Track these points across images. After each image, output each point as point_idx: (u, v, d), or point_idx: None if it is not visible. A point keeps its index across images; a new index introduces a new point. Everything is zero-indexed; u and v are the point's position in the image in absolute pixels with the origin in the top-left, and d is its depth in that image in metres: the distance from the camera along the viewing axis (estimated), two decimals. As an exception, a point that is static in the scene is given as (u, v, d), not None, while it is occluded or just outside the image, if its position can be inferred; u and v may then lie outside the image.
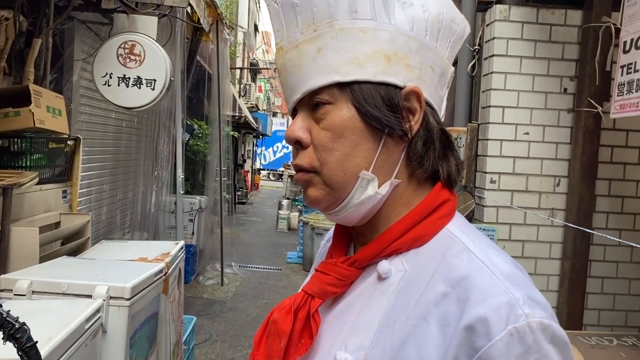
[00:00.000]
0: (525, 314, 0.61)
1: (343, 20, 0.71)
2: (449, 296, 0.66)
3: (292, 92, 0.75)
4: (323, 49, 0.71)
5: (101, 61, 3.89)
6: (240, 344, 5.16)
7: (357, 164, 0.72)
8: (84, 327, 2.02)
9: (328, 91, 0.72)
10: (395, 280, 0.72)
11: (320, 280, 0.77)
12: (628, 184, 2.93)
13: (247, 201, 18.28)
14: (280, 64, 0.77)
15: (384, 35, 0.72)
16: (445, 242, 0.72)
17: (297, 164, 0.75)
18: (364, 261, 0.75)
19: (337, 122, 0.71)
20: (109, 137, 4.67)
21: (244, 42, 18.19)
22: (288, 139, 0.75)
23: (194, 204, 6.94)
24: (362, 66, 0.71)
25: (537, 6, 2.85)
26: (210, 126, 7.79)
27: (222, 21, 7.01)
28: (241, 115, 13.06)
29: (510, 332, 0.60)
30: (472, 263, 0.68)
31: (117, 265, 2.87)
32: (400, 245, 0.73)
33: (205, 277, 7.38)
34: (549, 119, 2.90)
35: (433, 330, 0.65)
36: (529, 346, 0.60)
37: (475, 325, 0.61)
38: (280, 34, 0.77)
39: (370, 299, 0.73)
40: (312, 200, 0.75)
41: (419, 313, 0.67)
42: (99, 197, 4.46)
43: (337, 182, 0.72)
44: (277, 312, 0.78)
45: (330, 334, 0.76)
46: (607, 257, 2.91)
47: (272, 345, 0.77)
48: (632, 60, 2.45)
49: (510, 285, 0.64)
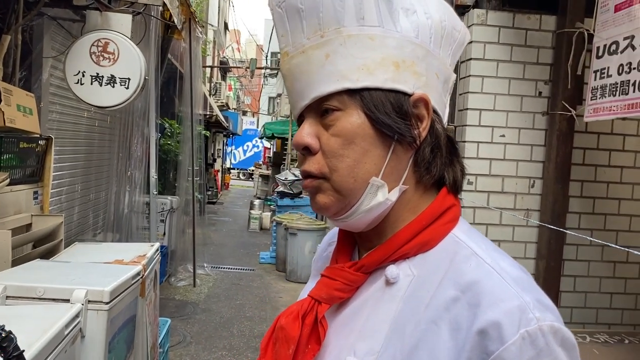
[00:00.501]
0: (537, 317, 0.62)
1: (351, 27, 0.71)
2: (459, 301, 0.67)
3: (299, 97, 0.75)
4: (331, 55, 0.71)
5: (73, 59, 3.80)
6: (215, 345, 5.11)
7: (367, 171, 0.72)
8: (64, 332, 1.97)
9: (337, 98, 0.72)
10: (404, 285, 0.73)
11: (328, 285, 0.77)
12: (599, 185, 3.02)
13: (217, 201, 18.11)
14: (285, 69, 0.76)
15: (392, 42, 0.73)
16: (453, 247, 0.73)
17: (305, 170, 0.75)
18: (371, 266, 0.76)
19: (348, 128, 0.71)
20: (81, 136, 4.56)
21: (214, 40, 18.02)
22: (296, 145, 0.75)
23: (165, 204, 6.84)
24: (372, 73, 0.71)
25: (513, 11, 2.91)
26: (182, 125, 7.69)
27: (194, 19, 6.93)
28: (212, 114, 12.93)
29: (522, 335, 0.61)
30: (481, 268, 0.69)
31: (93, 268, 2.81)
32: (407, 250, 0.74)
33: (177, 279, 7.29)
34: (524, 121, 2.96)
35: (444, 335, 0.66)
36: (541, 349, 0.61)
37: (488, 330, 0.62)
38: (285, 39, 0.76)
39: (378, 303, 0.74)
40: (321, 206, 0.75)
41: (429, 317, 0.68)
42: (70, 197, 4.36)
43: (347, 189, 0.72)
44: (285, 318, 0.78)
45: (337, 339, 0.76)
46: (579, 256, 3.00)
47: (280, 351, 0.77)
48: (605, 66, 2.52)
49: (520, 289, 0.65)
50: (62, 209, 4.15)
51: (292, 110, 0.79)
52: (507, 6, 2.92)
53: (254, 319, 6.00)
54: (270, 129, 16.99)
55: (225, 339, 5.31)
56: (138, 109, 4.79)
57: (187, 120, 7.35)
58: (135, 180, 4.84)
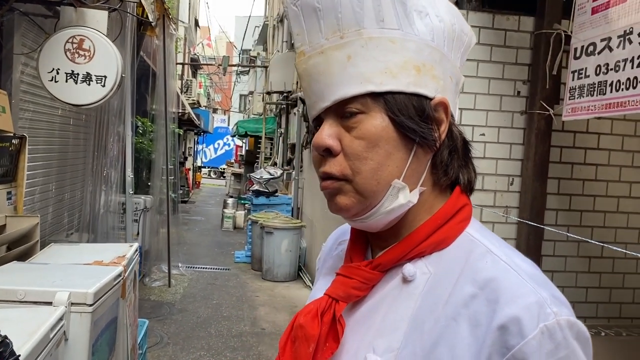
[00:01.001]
0: (554, 312, 0.64)
1: (371, 29, 0.72)
2: (477, 297, 0.68)
3: (318, 98, 0.74)
4: (353, 57, 0.71)
5: (47, 56, 3.71)
6: (193, 345, 5.06)
7: (390, 173, 0.73)
8: (49, 336, 1.93)
9: (361, 100, 0.72)
10: (421, 282, 0.74)
11: (345, 284, 0.78)
12: (575, 183, 3.10)
13: (189, 200, 17.91)
14: (302, 69, 0.76)
15: (412, 45, 0.74)
16: (468, 245, 0.75)
17: (326, 172, 0.75)
18: (388, 264, 0.77)
19: (372, 131, 0.72)
20: (55, 135, 4.45)
21: (185, 38, 17.80)
22: (317, 147, 0.74)
23: (138, 203, 6.73)
24: (395, 77, 0.72)
25: (493, 12, 2.97)
26: (155, 123, 7.58)
27: (168, 16, 6.85)
28: (184, 111, 12.79)
29: (541, 330, 0.63)
30: (497, 265, 0.70)
31: (73, 269, 2.76)
32: (424, 248, 0.75)
33: (151, 279, 7.19)
34: (503, 120, 3.02)
35: (464, 331, 0.68)
36: (559, 343, 0.63)
37: (508, 325, 0.64)
38: (300, 38, 0.76)
39: (396, 301, 0.75)
40: (341, 208, 0.75)
41: (448, 314, 0.70)
42: (44, 197, 4.25)
43: (370, 191, 0.73)
44: (303, 316, 0.79)
45: (354, 337, 0.77)
46: (556, 252, 3.08)
47: (300, 350, 0.77)
48: (582, 66, 2.59)
49: (536, 285, 0.67)
50: (35, 209, 4.05)
51: (309, 111, 0.78)
52: (487, 7, 2.97)
53: (232, 318, 5.97)
54: (243, 126, 16.90)
55: (203, 339, 5.27)
56: (114, 108, 4.70)
57: (160, 118, 7.26)
58: (111, 180, 4.75)
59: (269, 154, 15.92)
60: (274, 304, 6.63)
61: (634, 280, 3.20)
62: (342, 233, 1.00)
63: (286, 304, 6.65)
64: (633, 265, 3.18)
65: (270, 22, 16.51)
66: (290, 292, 7.21)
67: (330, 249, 1.00)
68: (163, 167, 7.28)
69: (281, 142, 13.11)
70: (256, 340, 5.30)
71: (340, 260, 0.88)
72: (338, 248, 0.95)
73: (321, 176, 0.77)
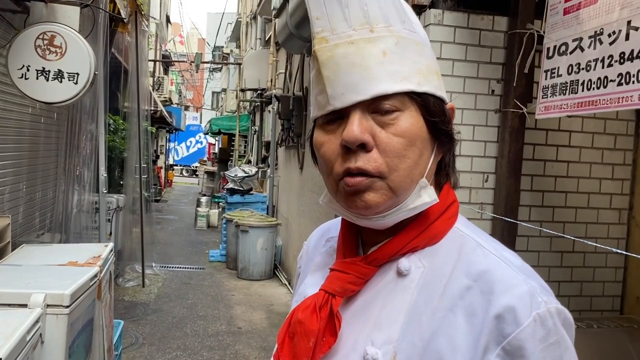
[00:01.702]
0: (545, 301, 0.69)
1: (398, 28, 0.73)
2: (472, 289, 0.72)
3: (350, 91, 0.71)
4: (389, 54, 0.72)
5: (17, 53, 3.62)
6: (169, 346, 5.02)
7: (420, 172, 0.75)
8: (26, 339, 1.89)
9: (399, 98, 0.72)
10: (416, 276, 0.76)
11: (341, 279, 0.80)
12: (547, 179, 3.17)
13: (161, 199, 17.68)
14: (327, 57, 0.73)
15: (429, 51, 0.78)
16: (458, 240, 0.78)
17: (360, 168, 0.72)
18: (382, 259, 0.79)
19: (411, 130, 0.73)
20: (25, 133, 4.34)
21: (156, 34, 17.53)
22: (353, 141, 0.71)
23: (111, 203, 6.62)
24: (427, 79, 0.75)
25: (468, 12, 3.01)
26: (127, 121, 7.47)
27: (140, 12, 6.74)
28: (157, 109, 12.61)
29: (534, 318, 0.67)
30: (489, 258, 0.74)
31: (47, 270, 2.71)
32: (417, 243, 0.78)
33: (125, 279, 7.09)
34: (478, 119, 3.07)
35: (460, 321, 0.71)
36: (549, 329, 0.68)
37: (504, 314, 0.68)
38: (321, 23, 0.74)
39: (391, 295, 0.77)
40: (370, 205, 0.73)
41: (445, 305, 0.72)
42: (14, 196, 4.15)
43: (403, 189, 0.74)
44: (301, 312, 0.80)
45: (351, 330, 0.78)
46: (530, 247, 3.14)
47: (299, 344, 0.78)
48: (555, 66, 2.65)
49: (525, 276, 0.71)
50: (5, 210, 3.95)
51: (331, 101, 0.73)
52: (462, 7, 3.01)
53: (208, 318, 5.93)
54: (217, 124, 16.75)
55: (179, 339, 5.22)
56: (86, 105, 4.61)
57: (133, 116, 7.15)
58: (84, 179, 4.66)
59: (243, 151, 15.83)
60: (250, 303, 6.61)
61: (604, 274, 3.29)
62: (326, 230, 1.01)
63: (262, 303, 6.64)
64: (603, 260, 3.27)
65: (243, 19, 16.40)
66: (266, 291, 7.20)
67: (315, 246, 1.00)
68: (136, 165, 7.18)
69: (255, 140, 13.05)
70: (233, 339, 5.28)
71: (330, 256, 0.90)
72: (326, 245, 0.95)
73: (349, 172, 0.73)
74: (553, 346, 0.67)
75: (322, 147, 0.76)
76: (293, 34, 5.39)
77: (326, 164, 0.76)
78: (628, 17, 2.20)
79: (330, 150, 0.75)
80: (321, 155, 0.77)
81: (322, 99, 0.74)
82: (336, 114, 0.74)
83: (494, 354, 0.67)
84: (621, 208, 3.27)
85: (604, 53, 2.32)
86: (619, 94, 2.23)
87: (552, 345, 0.67)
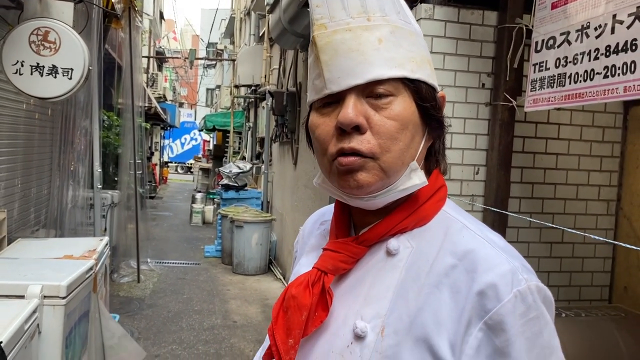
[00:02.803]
0: (525, 278, 0.73)
1: (394, 18, 0.77)
2: (457, 267, 0.76)
3: (347, 74, 0.75)
4: (384, 42, 0.76)
5: (11, 48, 3.64)
6: (164, 340, 5.05)
7: (411, 155, 0.79)
8: (24, 328, 1.93)
9: (393, 84, 0.76)
10: (404, 255, 0.81)
11: (333, 257, 0.84)
12: (537, 171, 3.22)
13: (156, 195, 17.68)
14: (325, 42, 0.76)
15: (422, 41, 0.82)
16: (445, 222, 0.82)
17: (353, 148, 0.75)
18: (373, 239, 0.83)
19: (404, 114, 0.76)
20: (20, 129, 4.35)
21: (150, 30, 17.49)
22: (348, 123, 0.74)
23: (105, 199, 6.64)
24: (420, 67, 0.79)
25: (458, 6, 3.05)
26: (122, 117, 7.48)
27: (134, 8, 6.75)
28: (151, 106, 12.61)
29: (515, 294, 0.71)
30: (474, 239, 0.78)
31: (44, 263, 2.74)
32: (406, 224, 0.82)
33: (120, 275, 7.12)
34: (469, 112, 3.11)
35: (445, 297, 0.75)
36: (529, 305, 0.71)
37: (486, 290, 0.72)
38: (320, 10, 0.77)
39: (381, 273, 0.81)
40: (362, 184, 0.77)
41: (431, 282, 0.76)
42: (9, 192, 4.17)
43: (394, 170, 0.77)
44: (295, 287, 0.83)
45: (341, 306, 0.82)
46: (520, 238, 3.19)
47: (292, 318, 0.82)
48: (543, 59, 2.70)
49: (508, 256, 0.76)
50: (0, 205, 3.97)
51: (327, 84, 0.77)
52: (452, 1, 3.05)
53: (203, 312, 5.97)
54: (212, 121, 16.75)
55: (175, 333, 5.26)
56: (80, 101, 4.63)
57: (127, 112, 7.16)
58: (79, 175, 4.68)
59: (237, 148, 15.84)
60: (245, 297, 6.65)
61: (593, 264, 3.35)
62: (321, 215, 1.05)
63: (257, 297, 6.68)
64: (592, 250, 3.33)
65: (237, 15, 16.38)
66: (261, 285, 7.24)
67: (310, 230, 1.04)
68: (130, 161, 7.19)
69: (250, 136, 13.07)
70: (228, 332, 5.32)
71: (324, 238, 0.94)
72: (320, 228, 1.00)
73: (343, 152, 0.76)
74: (533, 321, 0.71)
75: (317, 128, 0.80)
76: (286, 30, 5.42)
77: (321, 145, 0.80)
78: (613, 10, 2.25)
79: (325, 132, 0.79)
80: (316, 137, 0.80)
81: (319, 83, 0.78)
82: (332, 98, 0.77)
83: (476, 328, 0.71)
84: (609, 199, 3.33)
85: (591, 46, 2.37)
86: (605, 87, 2.28)
87: (531, 320, 0.71)
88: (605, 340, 2.74)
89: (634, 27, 2.12)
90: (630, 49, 2.14)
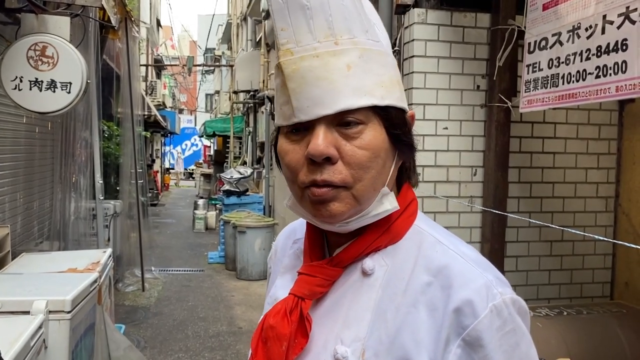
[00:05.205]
0: (500, 292, 0.73)
1: (362, 39, 0.75)
2: (432, 284, 0.76)
3: (316, 104, 0.73)
4: (353, 68, 0.73)
5: (9, 64, 3.66)
6: (171, 348, 5.07)
7: (383, 181, 0.78)
8: (30, 344, 1.95)
9: (363, 112, 0.74)
10: (380, 274, 0.80)
11: (309, 282, 0.82)
12: (535, 171, 3.24)
13: (158, 203, 17.71)
14: (292, 69, 0.73)
15: (391, 61, 0.81)
16: (418, 237, 0.82)
17: (326, 180, 0.74)
18: (347, 260, 0.82)
19: (375, 142, 0.75)
20: (21, 143, 4.39)
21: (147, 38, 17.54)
22: (318, 155, 0.73)
23: (108, 209, 6.67)
24: (389, 91, 0.77)
25: (451, 10, 3.07)
26: (121, 127, 7.51)
27: (130, 18, 6.78)
28: (150, 114, 12.65)
29: (491, 309, 0.71)
30: (447, 254, 0.78)
31: (48, 278, 2.77)
32: (380, 243, 0.81)
33: (124, 284, 7.13)
34: (464, 114, 3.14)
35: (423, 316, 0.75)
36: (505, 319, 0.72)
37: (462, 307, 0.72)
38: (286, 34, 0.74)
39: (357, 294, 0.80)
40: (335, 214, 0.76)
41: (408, 302, 0.76)
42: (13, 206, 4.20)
43: (367, 198, 0.76)
44: (272, 317, 0.82)
45: (321, 331, 0.81)
46: (520, 237, 3.22)
47: (272, 349, 0.81)
48: (536, 60, 2.72)
49: (482, 270, 0.76)
50: (4, 219, 4.00)
51: (296, 113, 0.74)
52: (445, 5, 3.08)
53: (208, 319, 5.99)
54: (211, 126, 16.79)
55: (181, 341, 5.28)
56: (80, 113, 4.66)
57: (127, 121, 7.19)
58: (80, 186, 4.71)
59: (238, 153, 15.88)
60: (249, 303, 6.67)
61: (593, 261, 3.37)
62: (292, 231, 1.04)
63: (262, 302, 6.56)
64: (591, 247, 3.35)
65: (233, 20, 16.43)
66: (266, 290, 7.25)
67: (283, 247, 1.03)
68: (132, 170, 7.22)
69: (250, 141, 13.10)
70: (234, 339, 5.34)
71: (297, 258, 0.93)
72: (293, 247, 0.98)
73: (316, 184, 0.75)
74: (509, 334, 0.72)
75: (286, 155, 0.78)
76: (282, 36, 5.44)
77: (291, 173, 0.78)
78: (603, 11, 2.27)
79: (295, 159, 0.77)
80: (286, 164, 0.79)
81: (287, 109, 0.76)
82: (301, 125, 0.75)
83: (455, 344, 0.71)
84: (607, 196, 3.35)
85: (582, 47, 2.39)
86: (597, 86, 2.30)
87: (508, 333, 0.72)
88: (607, 337, 2.75)
89: (624, 27, 2.14)
90: (620, 49, 2.16)
